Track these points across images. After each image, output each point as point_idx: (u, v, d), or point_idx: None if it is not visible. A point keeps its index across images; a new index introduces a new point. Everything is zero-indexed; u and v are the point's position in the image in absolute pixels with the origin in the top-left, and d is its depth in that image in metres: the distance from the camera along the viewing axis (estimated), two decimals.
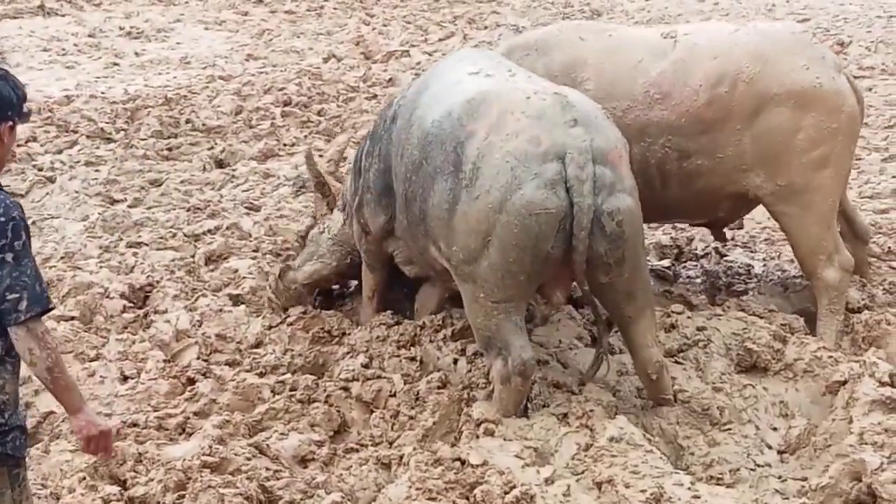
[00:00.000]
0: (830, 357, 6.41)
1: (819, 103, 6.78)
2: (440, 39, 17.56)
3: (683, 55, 6.92)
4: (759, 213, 8.98)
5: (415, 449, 5.78)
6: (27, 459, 4.57)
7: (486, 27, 18.48)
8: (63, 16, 20.85)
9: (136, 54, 17.52)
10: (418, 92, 6.46)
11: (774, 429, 6.07)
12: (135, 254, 8.70)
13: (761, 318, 6.94)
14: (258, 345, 7.07)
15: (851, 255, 7.07)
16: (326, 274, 7.58)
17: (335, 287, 7.92)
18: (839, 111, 6.83)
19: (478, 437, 5.80)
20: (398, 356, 6.79)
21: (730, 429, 6.00)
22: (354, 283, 7.73)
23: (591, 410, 6.02)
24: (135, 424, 6.19)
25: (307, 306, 7.55)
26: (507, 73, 6.26)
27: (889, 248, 8.00)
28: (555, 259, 5.67)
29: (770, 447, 5.94)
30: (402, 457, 5.75)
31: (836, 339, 6.87)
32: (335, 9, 21.05)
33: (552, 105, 5.79)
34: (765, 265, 7.88)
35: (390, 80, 14.65)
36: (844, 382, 6.11)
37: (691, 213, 7.39)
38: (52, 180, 10.72)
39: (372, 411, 6.34)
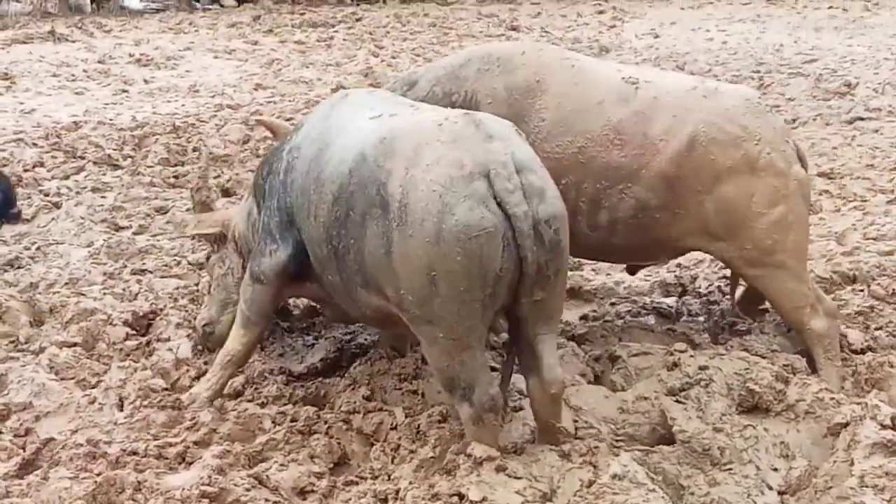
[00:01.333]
0: (832, 399, 6.38)
1: (769, 170, 6.81)
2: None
3: (643, 106, 6.86)
4: None
5: (411, 483, 5.75)
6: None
7: None
8: (73, 42, 21.02)
9: (146, 81, 17.65)
10: (319, 150, 6.26)
11: (775, 469, 6.01)
12: (139, 281, 8.71)
13: (764, 358, 6.92)
14: (259, 375, 7.05)
15: None
16: None
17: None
18: (789, 177, 6.87)
19: (478, 472, 5.77)
20: (399, 389, 6.79)
21: (730, 469, 5.94)
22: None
23: (595, 447, 6.00)
24: (134, 453, 6.16)
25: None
26: (411, 109, 6.17)
27: (893, 290, 7.98)
28: (507, 278, 5.53)
29: (771, 488, 5.89)
30: (398, 491, 5.72)
31: (840, 383, 6.85)
32: (345, 40, 21.20)
33: (465, 126, 5.69)
34: (768, 305, 7.85)
35: None
36: (846, 424, 6.08)
37: (630, 258, 7.39)
38: (58, 206, 10.76)
39: (372, 444, 6.31)
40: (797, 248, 6.99)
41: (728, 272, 8.44)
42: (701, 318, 7.87)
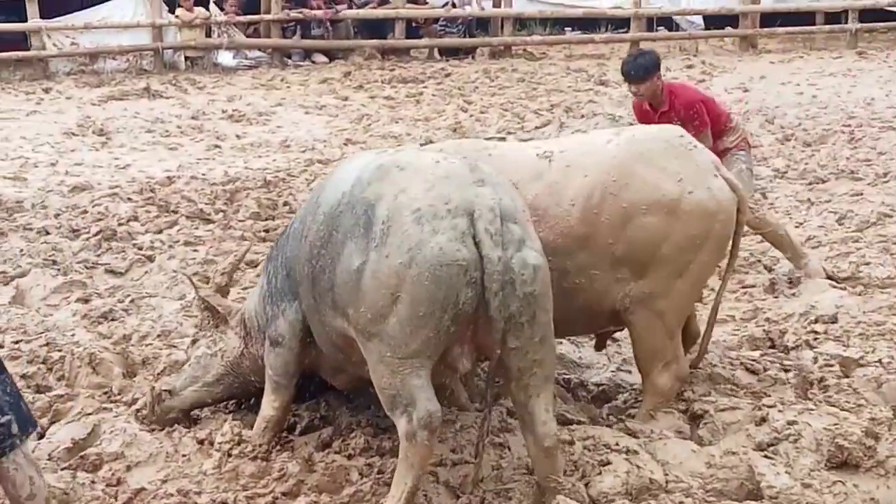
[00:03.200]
0: None
1: (689, 213, 6.79)
2: (537, 127, 17.64)
3: (557, 176, 6.89)
4: (854, 307, 8.94)
5: None
6: None
7: (582, 115, 18.55)
8: (168, 98, 21.36)
9: (238, 137, 17.88)
10: (321, 185, 6.51)
11: None
12: None
13: (852, 413, 6.87)
14: (347, 427, 7.10)
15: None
16: (209, 402, 7.42)
17: None
18: (712, 220, 6.85)
19: None
20: (487, 442, 6.80)
21: None
22: None
23: (681, 502, 5.99)
24: (224, 503, 6.25)
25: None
26: (417, 148, 6.36)
27: None
28: (465, 316, 5.64)
29: None
30: None
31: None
32: (434, 95, 21.31)
33: (460, 167, 5.89)
34: (858, 359, 7.78)
35: None
36: None
37: (574, 328, 7.35)
38: (151, 259, 10.93)
39: (458, 496, 6.31)
40: (685, 300, 7.09)
41: (816, 327, 8.41)
42: (790, 373, 7.80)
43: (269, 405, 6.95)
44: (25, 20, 24.74)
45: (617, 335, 8.44)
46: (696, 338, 7.70)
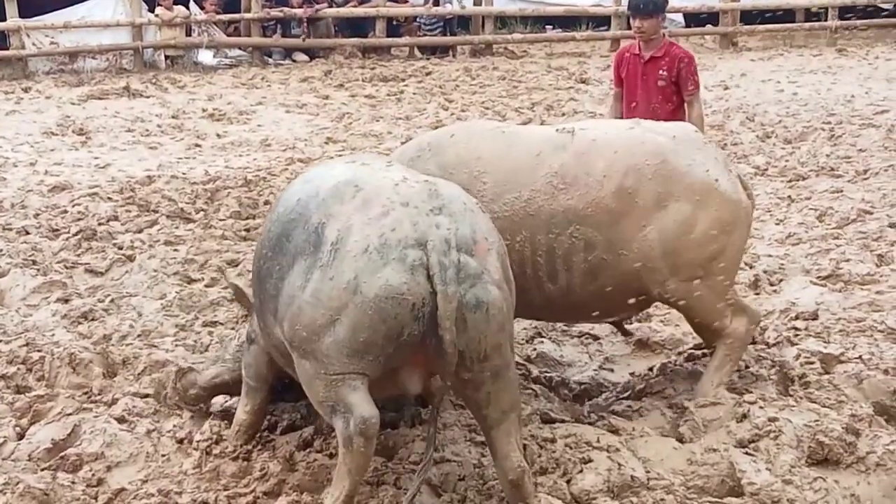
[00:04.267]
0: None
1: (719, 199, 6.91)
2: (518, 125, 17.63)
3: (583, 148, 6.95)
4: (834, 303, 8.97)
5: None
6: None
7: (563, 114, 18.58)
8: (148, 97, 21.32)
9: (218, 136, 17.85)
10: (288, 188, 6.38)
11: None
12: (210, 333, 8.82)
13: (833, 409, 6.89)
14: (328, 426, 7.09)
15: None
16: (227, 379, 7.28)
17: None
18: (738, 207, 7.01)
19: None
20: (469, 440, 6.80)
21: None
22: None
23: (662, 499, 6.01)
24: (205, 503, 6.24)
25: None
26: (384, 164, 6.17)
27: None
28: (409, 345, 5.53)
29: None
30: None
31: (717, 385, 7.10)
32: (414, 94, 21.32)
33: (419, 192, 5.68)
34: (839, 356, 7.79)
35: None
36: None
37: (593, 310, 7.36)
38: (131, 259, 10.89)
39: (440, 495, 6.30)
40: (727, 274, 7.13)
41: (797, 323, 8.44)
42: (770, 370, 7.81)
43: (242, 409, 6.91)
44: (4, 19, 24.67)
45: (596, 331, 8.46)
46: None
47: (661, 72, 10.07)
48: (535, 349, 8.46)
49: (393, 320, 5.43)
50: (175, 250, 11.13)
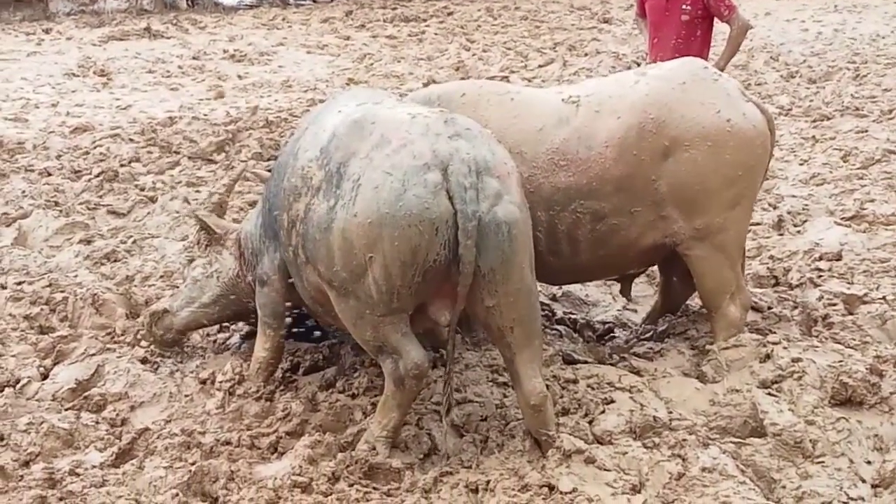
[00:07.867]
0: None
1: (733, 142, 6.75)
2: (540, 66, 17.57)
3: (586, 120, 6.82)
4: (858, 244, 8.91)
5: (501, 474, 5.77)
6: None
7: (586, 54, 18.46)
8: (168, 38, 21.28)
9: (239, 77, 17.78)
10: (303, 130, 6.40)
11: (868, 462, 5.93)
12: None
13: (857, 350, 6.87)
14: (350, 366, 7.10)
15: None
16: (205, 322, 7.39)
17: None
18: (754, 146, 6.84)
19: (567, 464, 5.78)
20: (491, 381, 6.81)
21: (823, 462, 5.88)
22: None
23: (684, 440, 6.00)
24: (228, 443, 6.27)
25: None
26: (395, 101, 6.24)
27: None
28: (438, 272, 5.58)
29: (864, 481, 5.81)
30: (488, 482, 5.73)
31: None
32: (436, 34, 21.21)
33: (435, 121, 5.77)
34: (862, 296, 7.76)
35: None
36: None
37: (601, 272, 7.36)
38: (153, 200, 10.90)
39: (462, 435, 6.33)
40: (741, 228, 7.09)
41: (820, 264, 8.39)
42: (794, 311, 7.78)
43: (261, 346, 6.92)
44: None
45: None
46: None
47: (684, 6, 9.95)
48: (560, 287, 8.44)
49: (419, 246, 5.48)
50: (197, 191, 11.12)
